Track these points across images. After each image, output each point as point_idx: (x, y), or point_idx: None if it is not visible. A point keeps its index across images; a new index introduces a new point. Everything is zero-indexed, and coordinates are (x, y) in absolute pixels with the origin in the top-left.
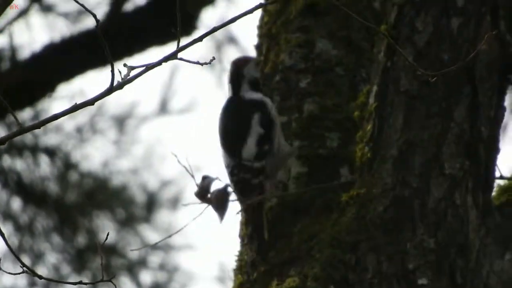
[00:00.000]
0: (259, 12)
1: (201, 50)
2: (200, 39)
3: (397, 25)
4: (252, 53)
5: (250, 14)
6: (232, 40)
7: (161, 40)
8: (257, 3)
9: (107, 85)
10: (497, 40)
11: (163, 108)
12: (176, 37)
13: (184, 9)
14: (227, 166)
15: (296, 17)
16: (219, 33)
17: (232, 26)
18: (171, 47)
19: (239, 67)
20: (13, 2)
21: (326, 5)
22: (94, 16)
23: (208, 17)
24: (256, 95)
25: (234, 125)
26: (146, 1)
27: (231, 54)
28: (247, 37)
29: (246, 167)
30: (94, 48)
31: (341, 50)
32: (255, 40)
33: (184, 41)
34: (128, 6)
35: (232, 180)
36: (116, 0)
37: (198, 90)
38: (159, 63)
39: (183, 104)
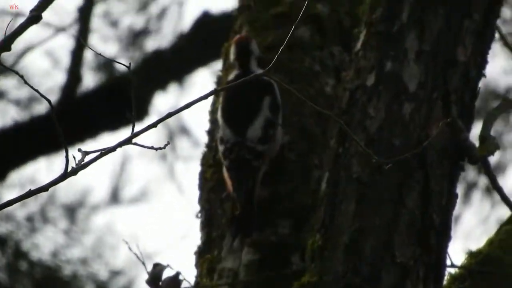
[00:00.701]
0: (210, 98)
1: (153, 137)
2: (154, 124)
3: (349, 110)
4: (205, 138)
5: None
6: (184, 129)
7: (113, 126)
8: (208, 89)
9: (60, 171)
10: (449, 126)
11: (115, 197)
12: (129, 122)
13: (136, 95)
14: (225, 141)
15: None
16: (171, 121)
17: (183, 113)
18: (123, 133)
19: (248, 42)
20: (13, 2)
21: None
22: (48, 101)
23: (160, 103)
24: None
25: (243, 102)
26: (99, 87)
27: (183, 142)
28: (198, 123)
29: (249, 148)
30: (46, 134)
31: (293, 134)
32: (206, 126)
33: (136, 127)
34: (80, 92)
35: (227, 157)
36: (69, 86)
37: (150, 179)
38: (114, 148)
39: (135, 194)
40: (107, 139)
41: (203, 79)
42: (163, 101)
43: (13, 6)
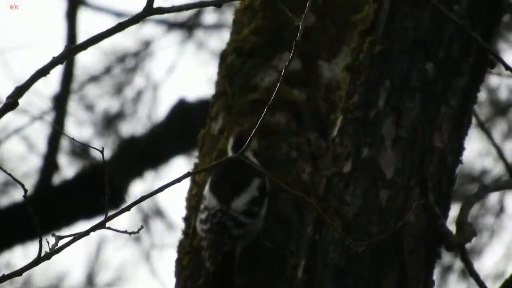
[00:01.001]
0: (187, 184)
1: (128, 222)
2: (128, 208)
3: (325, 197)
4: (181, 224)
5: (178, 184)
6: (159, 212)
7: (89, 213)
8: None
9: (34, 256)
10: (426, 212)
11: (90, 281)
12: (104, 208)
13: (112, 182)
14: (209, 208)
15: None
16: (146, 206)
17: (159, 198)
18: (99, 220)
19: (245, 135)
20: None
21: None
22: (23, 186)
23: (136, 190)
24: (257, 161)
25: (233, 176)
26: (75, 173)
27: (158, 227)
28: (175, 209)
29: (231, 216)
30: (20, 221)
31: (269, 221)
32: (183, 212)
33: (111, 212)
34: (57, 179)
35: (210, 221)
36: (45, 172)
37: (125, 264)
38: (87, 232)
39: (110, 278)
40: (83, 226)
41: (179, 166)
42: (140, 188)
43: (13, 6)
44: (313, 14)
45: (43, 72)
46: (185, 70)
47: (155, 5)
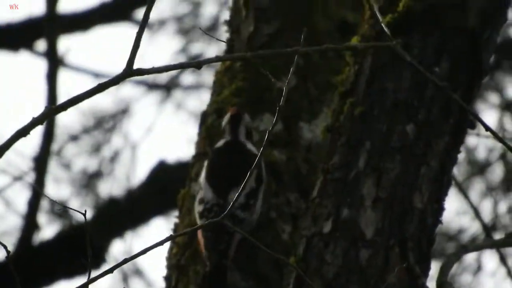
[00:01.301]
0: (167, 244)
1: (108, 282)
2: (110, 270)
3: (305, 257)
4: (161, 284)
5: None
6: (138, 272)
7: (69, 273)
8: (164, 235)
9: None
10: (406, 272)
11: None
12: (86, 269)
13: (93, 242)
14: (205, 202)
15: None
16: (126, 266)
17: (139, 258)
18: (80, 281)
19: (239, 112)
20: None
21: None
22: (5, 247)
23: (117, 249)
24: (253, 148)
25: (231, 167)
26: (56, 234)
27: (138, 286)
28: (155, 269)
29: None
30: (2, 282)
31: (249, 281)
32: (163, 271)
33: (93, 273)
34: (37, 238)
35: (207, 216)
36: (26, 233)
37: None
38: None
39: None
40: (63, 286)
41: (159, 226)
42: (120, 247)
43: (13, 6)
44: (294, 76)
45: (23, 132)
46: (164, 130)
47: (135, 66)
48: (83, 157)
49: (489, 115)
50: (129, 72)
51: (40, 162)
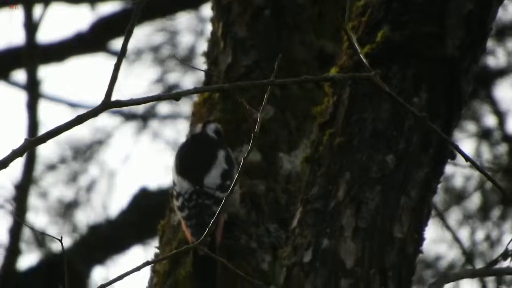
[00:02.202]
0: (147, 273)
1: None
2: None
3: (286, 287)
4: None
5: (138, 274)
6: None
7: None
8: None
9: None
10: None
11: None
12: None
13: (73, 268)
14: (183, 193)
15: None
16: None
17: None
18: None
19: (208, 121)
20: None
21: None
22: None
23: (98, 277)
24: (219, 140)
25: (197, 154)
26: (37, 263)
27: None
28: None
29: (208, 194)
30: None
31: None
32: None
33: None
34: (19, 266)
35: (187, 206)
36: (7, 262)
37: None
38: None
39: None
40: None
41: (138, 255)
42: (101, 275)
43: (13, 6)
44: (272, 107)
45: (3, 164)
46: (141, 159)
47: (113, 98)
48: (60, 187)
49: (466, 144)
50: (107, 104)
51: (21, 191)
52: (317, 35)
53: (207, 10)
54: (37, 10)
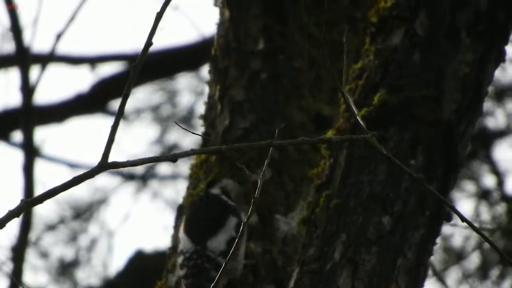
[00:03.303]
0: None
1: None
2: None
3: None
4: None
5: None
6: None
7: None
8: None
9: None
10: None
11: None
12: None
13: None
14: (184, 252)
15: None
16: None
17: None
18: None
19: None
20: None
21: None
22: None
23: None
24: (230, 202)
25: (207, 216)
26: None
27: None
28: None
29: (209, 258)
30: None
31: None
32: None
33: None
34: None
35: (186, 265)
36: None
37: None
38: None
39: None
40: None
41: None
42: None
43: (13, 6)
44: (269, 169)
45: None
46: (140, 219)
47: (111, 157)
48: (60, 246)
49: (466, 204)
50: (104, 165)
51: (18, 252)
52: (314, 98)
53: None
54: (35, 72)
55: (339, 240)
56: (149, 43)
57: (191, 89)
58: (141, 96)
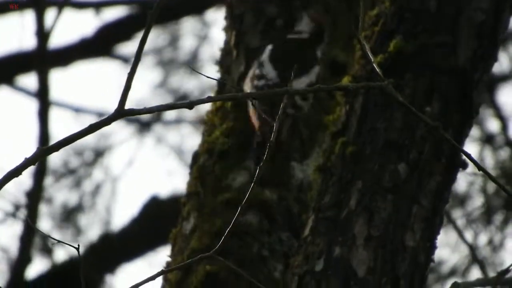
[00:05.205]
0: (160, 279)
1: None
2: None
3: None
4: None
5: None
6: None
7: None
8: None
9: None
10: None
11: None
12: None
13: (86, 279)
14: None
15: None
16: None
17: None
18: None
19: None
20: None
21: (226, 275)
22: None
23: (108, 286)
24: None
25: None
26: (48, 270)
27: None
28: None
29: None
30: None
31: None
32: None
33: None
34: (30, 274)
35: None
36: (19, 267)
37: None
38: None
39: None
40: None
41: (151, 263)
42: (112, 284)
43: (13, 6)
44: (285, 116)
45: (15, 173)
46: (144, 164)
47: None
48: (64, 192)
49: (469, 148)
50: (121, 112)
51: (33, 199)
52: (329, 44)
53: (211, 15)
54: (50, 15)
55: (354, 187)
56: None
57: (195, 33)
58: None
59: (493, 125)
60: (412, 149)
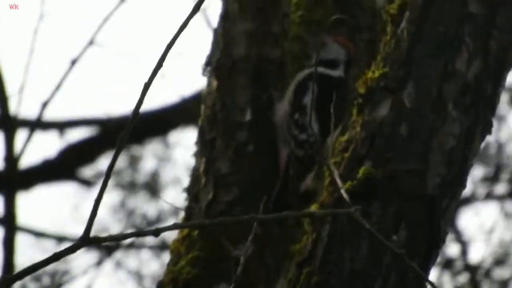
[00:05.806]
0: None
1: None
2: None
3: None
4: None
5: None
6: None
7: None
8: None
9: None
10: None
11: None
12: None
13: None
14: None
15: None
16: None
17: None
18: None
19: None
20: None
21: None
22: None
23: None
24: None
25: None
26: None
27: None
28: None
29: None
30: None
31: None
32: None
33: None
34: None
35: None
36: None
37: None
38: None
39: None
40: None
41: None
42: None
43: (13, 6)
44: (252, 244)
45: None
46: None
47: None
48: None
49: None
50: (87, 240)
51: None
52: None
53: (173, 137)
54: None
55: None
56: (136, 113)
57: (156, 155)
58: (104, 160)
59: (452, 250)
60: (377, 279)
